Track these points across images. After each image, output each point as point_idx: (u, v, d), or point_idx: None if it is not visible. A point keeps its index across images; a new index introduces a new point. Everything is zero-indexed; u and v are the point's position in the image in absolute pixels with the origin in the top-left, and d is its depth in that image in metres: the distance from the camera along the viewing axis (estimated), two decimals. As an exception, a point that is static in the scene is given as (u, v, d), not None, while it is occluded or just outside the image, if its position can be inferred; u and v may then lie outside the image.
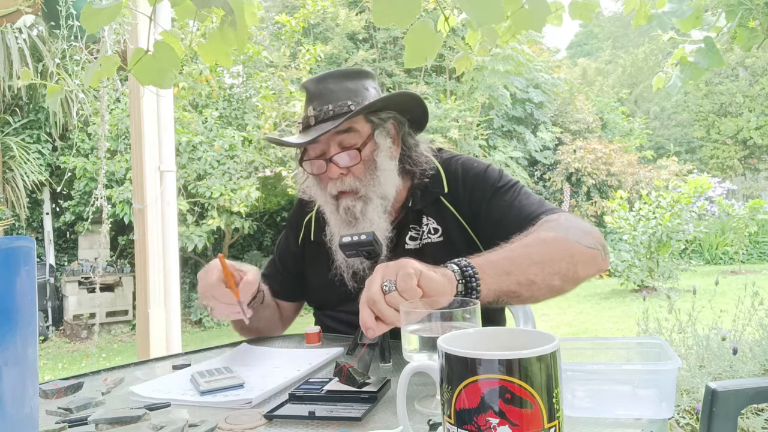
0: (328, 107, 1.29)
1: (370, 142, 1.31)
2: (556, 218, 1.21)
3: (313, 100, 1.33)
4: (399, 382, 0.68)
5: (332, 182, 1.30)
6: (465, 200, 1.33)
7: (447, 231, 1.33)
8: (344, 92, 1.31)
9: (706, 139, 16.98)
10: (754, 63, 15.94)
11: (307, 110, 1.33)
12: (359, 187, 1.29)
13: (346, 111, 1.28)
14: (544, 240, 1.12)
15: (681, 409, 2.69)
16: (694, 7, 2.38)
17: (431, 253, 1.30)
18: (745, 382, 0.82)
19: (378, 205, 1.29)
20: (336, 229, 1.33)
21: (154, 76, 1.36)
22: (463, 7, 1.21)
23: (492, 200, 1.31)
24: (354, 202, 1.28)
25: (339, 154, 1.28)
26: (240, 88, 8.85)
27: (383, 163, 1.30)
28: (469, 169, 1.37)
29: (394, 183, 1.32)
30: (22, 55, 6.68)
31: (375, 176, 1.29)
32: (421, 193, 1.36)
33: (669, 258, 7.58)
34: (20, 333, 0.56)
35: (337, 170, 1.29)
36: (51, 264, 7.89)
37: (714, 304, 3.19)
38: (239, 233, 8.16)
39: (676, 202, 7.54)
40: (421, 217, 1.36)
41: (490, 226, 1.29)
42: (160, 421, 0.82)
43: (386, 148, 1.32)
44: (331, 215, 1.33)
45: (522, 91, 11.11)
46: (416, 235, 1.35)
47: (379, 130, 1.32)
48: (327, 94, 1.31)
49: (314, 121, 1.30)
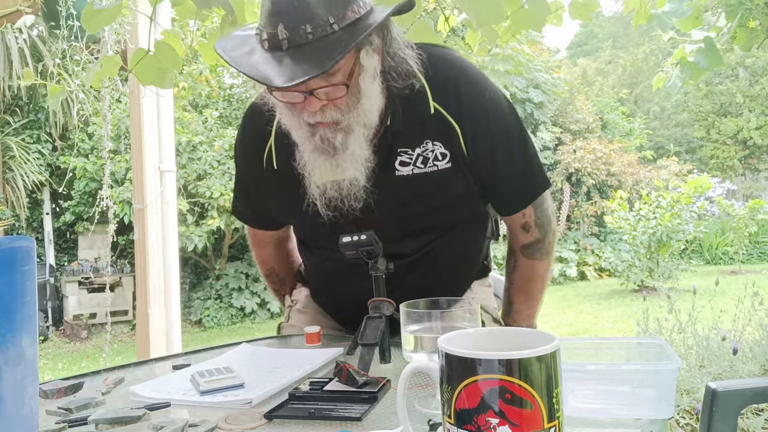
0: (305, 28, 1.00)
1: (357, 68, 1.09)
2: (538, 236, 1.35)
3: (280, 13, 1.01)
4: (399, 382, 0.68)
5: (309, 112, 1.09)
6: (470, 131, 1.21)
7: (455, 157, 1.21)
8: (321, 4, 1.01)
9: (706, 139, 16.98)
10: (754, 63, 15.93)
11: (273, 25, 1.02)
12: (341, 119, 1.11)
13: (328, 34, 1.01)
14: (544, 277, 1.41)
15: (681, 409, 2.69)
16: (694, 7, 2.38)
17: (437, 180, 1.20)
18: (745, 382, 0.82)
19: (360, 134, 1.13)
20: (309, 156, 1.15)
21: (155, 76, 1.36)
22: (463, 7, 1.21)
23: (499, 154, 1.24)
24: (334, 133, 1.11)
25: (322, 89, 1.06)
26: (240, 88, 8.85)
27: (368, 87, 1.11)
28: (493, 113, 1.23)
29: (378, 105, 1.14)
30: (22, 55, 6.68)
31: (359, 105, 1.11)
32: (403, 110, 1.18)
33: (669, 258, 7.58)
34: (20, 333, 0.56)
35: (318, 102, 1.07)
36: (51, 264, 7.88)
37: (714, 304, 3.18)
38: (239, 233, 8.15)
39: (676, 202, 7.54)
40: (421, 139, 1.20)
41: (483, 171, 1.25)
42: (160, 421, 0.82)
43: (372, 67, 1.11)
44: (303, 140, 1.15)
45: (522, 91, 11.10)
46: (409, 159, 1.20)
47: (365, 49, 1.09)
48: (300, 9, 1.00)
49: (287, 45, 1.01)
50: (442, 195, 1.24)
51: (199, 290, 8.28)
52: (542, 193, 1.33)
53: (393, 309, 1.13)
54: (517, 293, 1.43)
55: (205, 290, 8.20)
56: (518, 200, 1.32)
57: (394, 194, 1.21)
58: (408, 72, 1.16)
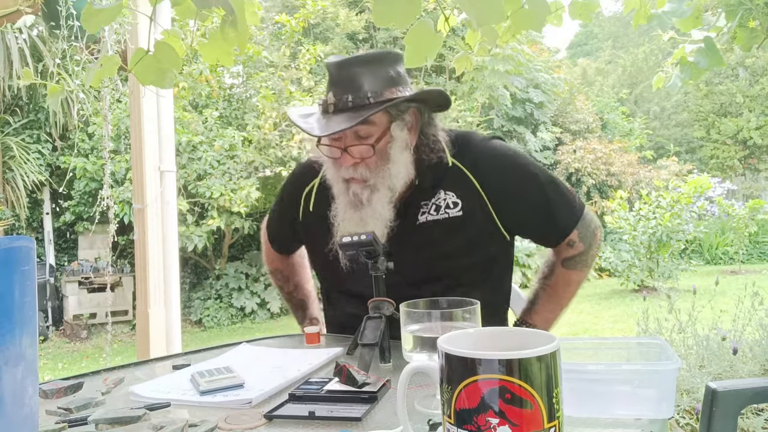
0: (348, 97, 1.27)
1: (386, 136, 1.31)
2: (582, 249, 1.43)
3: (334, 85, 1.31)
4: (399, 382, 0.68)
5: (345, 168, 1.32)
6: (494, 182, 1.36)
7: (468, 206, 1.36)
8: (366, 81, 1.28)
9: (706, 139, 16.98)
10: (754, 63, 15.93)
11: (327, 94, 1.32)
12: (369, 177, 1.31)
13: (365, 104, 1.27)
14: (578, 282, 1.47)
15: (681, 409, 2.69)
16: (694, 7, 2.37)
17: (449, 227, 1.35)
18: (745, 382, 0.82)
19: (384, 195, 1.31)
20: (341, 208, 1.35)
21: (155, 76, 1.35)
22: (463, 7, 1.21)
23: (528, 198, 1.38)
24: (362, 189, 1.31)
25: (354, 147, 1.30)
26: (240, 88, 8.85)
27: (396, 155, 1.31)
28: (506, 156, 1.40)
29: (406, 174, 1.33)
30: (22, 55, 6.68)
31: (386, 168, 1.31)
32: (430, 172, 1.37)
33: (669, 258, 7.58)
34: (20, 333, 0.56)
35: (351, 159, 1.30)
36: (51, 264, 7.88)
37: (714, 304, 3.18)
38: (239, 233, 8.15)
39: (676, 202, 7.54)
40: (436, 191, 1.37)
41: (518, 219, 1.40)
42: (160, 421, 0.82)
43: (402, 140, 1.32)
44: (339, 194, 1.35)
45: (522, 91, 11.10)
46: (426, 209, 1.37)
47: (396, 123, 1.32)
48: (347, 82, 1.28)
49: (332, 109, 1.29)
50: (450, 241, 1.35)
51: (199, 290, 8.28)
52: (581, 216, 1.42)
53: (393, 309, 1.13)
54: (543, 294, 1.49)
55: (205, 290, 8.19)
56: (559, 232, 1.43)
57: (410, 241, 1.36)
58: (438, 148, 1.37)
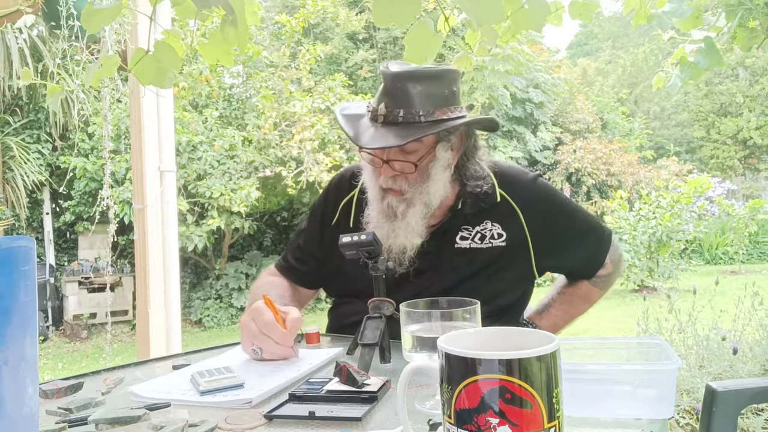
0: (399, 112, 1.26)
1: (430, 155, 1.32)
2: (611, 270, 1.51)
3: (386, 95, 1.29)
4: (399, 382, 0.68)
5: (384, 177, 1.32)
6: (541, 227, 1.40)
7: (510, 240, 1.39)
8: (419, 98, 1.27)
9: (706, 139, 16.98)
10: (754, 63, 15.93)
11: (378, 103, 1.30)
12: (407, 190, 1.32)
13: (415, 122, 1.26)
14: (595, 301, 1.55)
15: (681, 409, 2.69)
16: (694, 7, 2.37)
17: (490, 256, 1.38)
18: (745, 382, 0.82)
19: (420, 210, 1.32)
20: (374, 216, 1.35)
21: (155, 76, 1.35)
22: (463, 7, 1.21)
23: (573, 243, 1.45)
24: (399, 202, 1.32)
25: (396, 161, 1.30)
26: (240, 88, 8.85)
27: (436, 174, 1.33)
28: (555, 198, 1.47)
29: (443, 193, 1.35)
30: (22, 55, 6.68)
31: (425, 185, 1.32)
32: (472, 201, 1.39)
33: (669, 258, 7.58)
34: (20, 333, 0.56)
35: (391, 171, 1.31)
36: (51, 264, 7.88)
37: (714, 304, 3.18)
38: (239, 233, 8.16)
39: (676, 202, 7.55)
40: (481, 219, 1.40)
41: (558, 265, 1.50)
42: (160, 421, 0.82)
43: (444, 159, 1.33)
44: (374, 202, 1.36)
45: (522, 91, 11.10)
46: (468, 235, 1.39)
47: (442, 143, 1.33)
48: (401, 96, 1.27)
49: (381, 120, 1.28)
50: (488, 268, 1.38)
51: (199, 290, 8.28)
52: (610, 243, 1.51)
53: (393, 309, 1.13)
54: (559, 300, 1.55)
55: (205, 290, 8.20)
56: (596, 266, 1.50)
57: (448, 262, 1.38)
58: (480, 174, 1.40)
